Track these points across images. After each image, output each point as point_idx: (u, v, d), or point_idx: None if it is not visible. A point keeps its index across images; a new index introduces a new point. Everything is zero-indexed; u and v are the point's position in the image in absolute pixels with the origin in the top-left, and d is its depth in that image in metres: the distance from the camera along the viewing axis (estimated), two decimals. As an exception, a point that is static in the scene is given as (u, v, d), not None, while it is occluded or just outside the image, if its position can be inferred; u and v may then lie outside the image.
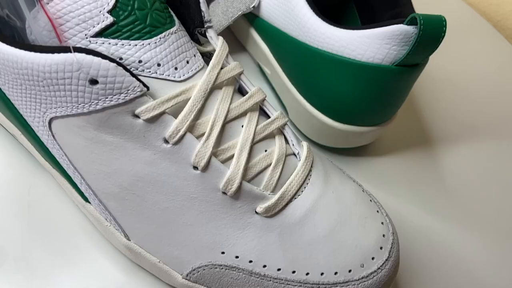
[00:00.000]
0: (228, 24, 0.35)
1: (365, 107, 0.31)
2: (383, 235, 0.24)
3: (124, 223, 0.24)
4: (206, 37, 0.25)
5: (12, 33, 0.22)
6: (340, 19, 0.40)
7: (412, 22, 0.26)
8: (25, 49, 0.20)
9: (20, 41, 0.22)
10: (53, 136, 0.23)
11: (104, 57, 0.19)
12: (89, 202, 0.25)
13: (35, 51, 0.19)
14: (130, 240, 0.24)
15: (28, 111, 0.22)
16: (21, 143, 0.27)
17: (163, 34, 0.22)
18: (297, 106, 0.34)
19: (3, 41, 0.20)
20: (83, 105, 0.20)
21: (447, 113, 0.41)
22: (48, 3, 0.20)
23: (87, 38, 0.21)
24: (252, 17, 0.37)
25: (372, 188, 0.35)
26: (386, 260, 0.24)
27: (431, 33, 0.26)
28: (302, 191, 0.24)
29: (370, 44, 0.28)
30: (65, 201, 0.27)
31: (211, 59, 0.26)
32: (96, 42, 0.21)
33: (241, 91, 0.26)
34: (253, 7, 0.35)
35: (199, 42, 0.26)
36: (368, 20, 0.37)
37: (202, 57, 0.25)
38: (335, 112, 0.32)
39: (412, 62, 0.28)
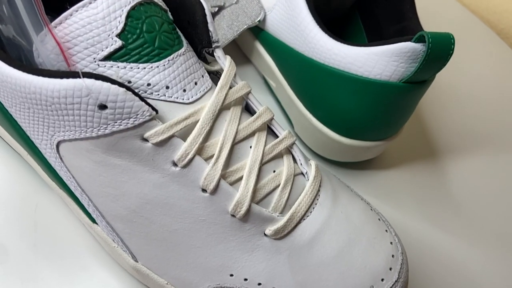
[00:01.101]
0: (233, 37, 0.35)
1: (372, 123, 0.31)
2: (392, 256, 0.24)
3: (131, 244, 0.24)
4: (213, 56, 0.25)
5: (18, 53, 0.22)
6: (345, 31, 0.40)
7: (420, 39, 0.26)
8: (33, 74, 0.20)
9: (26, 62, 0.22)
10: (61, 158, 0.22)
11: (113, 82, 0.19)
12: (96, 223, 0.24)
13: (44, 75, 0.19)
14: (137, 262, 0.24)
15: (35, 134, 0.22)
16: (27, 162, 0.27)
17: (172, 56, 0.22)
18: (302, 120, 0.34)
19: (11, 65, 0.20)
20: (92, 129, 0.20)
21: (453, 123, 0.41)
22: (56, 27, 0.20)
23: (95, 61, 0.20)
24: (257, 30, 0.36)
25: (378, 202, 0.35)
26: (395, 281, 0.23)
27: (439, 51, 0.26)
28: (311, 212, 0.24)
29: (377, 61, 0.28)
30: (72, 220, 0.27)
31: (218, 77, 0.26)
32: (105, 66, 0.20)
33: (248, 109, 0.26)
34: (259, 21, 0.35)
35: (206, 61, 0.26)
36: (373, 33, 0.37)
37: (209, 74, 0.25)
38: (341, 127, 0.32)
39: (420, 79, 0.28)
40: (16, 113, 0.22)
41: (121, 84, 0.19)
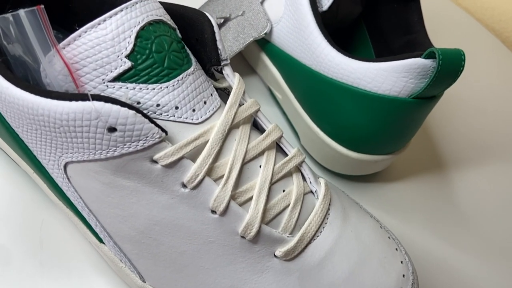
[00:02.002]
0: (239, 50, 0.35)
1: (380, 137, 0.30)
2: (403, 275, 0.24)
3: (139, 265, 0.23)
4: (221, 73, 0.25)
5: (25, 72, 0.22)
6: (351, 42, 0.39)
7: (430, 55, 0.26)
8: (41, 95, 0.19)
9: (33, 82, 0.21)
10: (68, 179, 0.22)
11: (122, 104, 0.19)
12: (104, 243, 0.24)
13: (52, 97, 0.19)
14: (145, 282, 0.24)
15: (42, 154, 0.22)
16: (33, 180, 0.27)
17: (181, 76, 0.21)
18: (309, 133, 0.34)
19: (18, 85, 0.20)
20: (101, 152, 0.20)
21: (459, 135, 0.41)
22: (64, 48, 0.20)
23: (104, 83, 0.20)
24: (263, 42, 0.36)
25: (384, 215, 0.34)
26: (407, 302, 0.23)
27: (450, 67, 0.26)
28: (320, 232, 0.23)
29: (387, 76, 0.27)
30: (78, 238, 0.27)
31: (226, 93, 0.26)
32: (114, 87, 0.20)
33: (256, 125, 0.26)
34: (265, 33, 0.34)
35: (214, 77, 0.26)
36: (380, 44, 0.37)
37: (217, 90, 0.25)
38: (349, 141, 0.31)
39: (429, 94, 0.28)
40: (23, 133, 0.22)
41: (130, 107, 0.19)
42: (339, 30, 0.38)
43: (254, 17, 0.35)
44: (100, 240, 0.24)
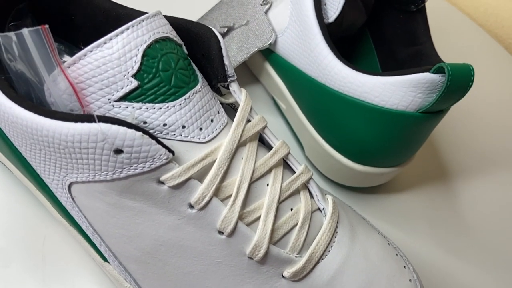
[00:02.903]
0: (243, 60, 0.35)
1: (387, 151, 0.30)
2: (412, 294, 0.24)
3: (145, 285, 0.23)
4: (228, 88, 0.24)
5: (27, 89, 0.21)
6: (355, 50, 0.39)
7: (439, 70, 0.26)
8: (46, 116, 0.19)
9: (36, 100, 0.21)
10: (73, 199, 0.22)
11: (129, 125, 0.18)
12: (108, 262, 0.24)
13: (57, 118, 0.19)
14: (151, 302, 0.23)
15: (46, 173, 0.22)
16: (36, 196, 0.26)
17: (188, 94, 0.21)
18: (314, 145, 0.34)
19: (22, 105, 0.19)
20: (106, 173, 0.19)
21: (464, 144, 0.40)
22: (69, 67, 0.19)
23: (110, 102, 0.20)
24: (267, 52, 0.36)
25: (389, 227, 0.34)
26: (415, 322, 0.23)
27: (459, 82, 0.25)
28: (329, 251, 0.23)
29: (394, 91, 0.27)
30: (81, 255, 0.26)
31: (232, 108, 0.25)
32: (120, 107, 0.20)
33: (262, 140, 0.25)
34: (270, 44, 0.34)
35: (220, 92, 0.25)
36: (385, 53, 0.37)
37: (223, 105, 0.24)
38: (355, 154, 0.31)
39: (437, 109, 0.27)
40: (26, 153, 0.21)
41: (137, 128, 0.19)
42: (343, 38, 0.38)
43: (258, 27, 0.34)
44: (105, 259, 0.24)
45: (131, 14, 0.25)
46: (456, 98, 0.26)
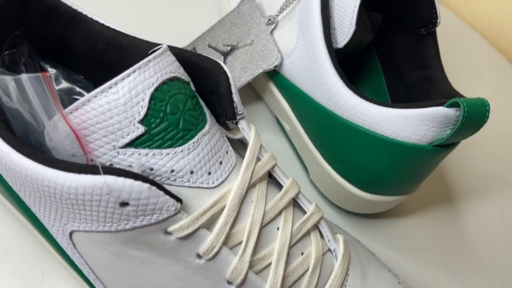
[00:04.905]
0: (247, 81, 0.33)
1: (395, 181, 0.29)
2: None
3: (149, 332, 0.22)
4: (236, 124, 0.23)
5: (25, 131, 0.20)
6: (361, 68, 0.38)
7: (453, 104, 0.25)
8: (47, 165, 0.18)
9: (35, 143, 0.20)
10: (74, 245, 0.21)
11: (136, 177, 0.17)
12: (111, 307, 0.23)
13: (59, 168, 0.17)
14: None
15: (46, 219, 0.20)
16: (34, 236, 0.25)
17: (196, 137, 0.20)
18: (320, 171, 0.33)
19: (20, 151, 0.18)
20: (111, 225, 0.18)
21: (470, 167, 0.40)
22: (71, 113, 0.18)
23: (115, 149, 0.19)
24: (272, 72, 0.35)
25: (395, 254, 0.33)
26: None
27: (475, 118, 0.25)
28: (340, 296, 0.22)
29: (407, 124, 0.26)
30: (80, 293, 0.25)
31: (241, 142, 0.24)
32: (125, 153, 0.19)
33: (270, 175, 0.24)
34: (276, 66, 0.33)
35: (227, 125, 0.24)
36: (391, 74, 0.36)
37: (229, 139, 0.23)
38: (362, 183, 0.30)
39: (450, 142, 0.27)
40: (25, 198, 0.20)
41: (144, 179, 0.17)
42: (348, 55, 0.37)
43: (263, 47, 0.33)
44: (107, 304, 0.23)
45: (134, 43, 0.24)
46: (470, 133, 0.26)
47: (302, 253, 0.22)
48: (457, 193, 0.38)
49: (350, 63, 0.37)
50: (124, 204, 0.18)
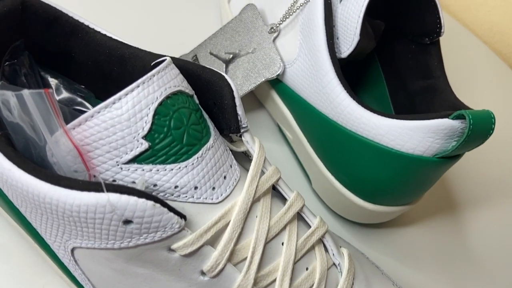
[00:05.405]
0: (250, 90, 0.33)
1: (399, 192, 0.29)
2: None
3: None
4: (240, 137, 0.23)
5: (27, 145, 0.20)
6: (363, 75, 0.38)
7: (458, 116, 0.25)
8: (49, 182, 0.17)
9: (37, 158, 0.19)
10: (75, 261, 0.20)
11: (140, 194, 0.17)
12: (112, 322, 0.22)
13: (61, 185, 0.17)
14: None
15: (47, 235, 0.20)
16: (35, 249, 0.25)
17: (201, 152, 0.20)
18: (322, 180, 0.32)
19: (21, 167, 0.18)
20: (114, 242, 0.18)
21: (473, 175, 0.40)
22: (74, 128, 0.18)
23: (118, 165, 0.18)
24: (274, 81, 0.34)
25: (398, 264, 0.33)
26: None
27: (480, 130, 0.24)
28: (345, 311, 0.22)
29: (412, 136, 0.26)
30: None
31: (245, 154, 0.24)
32: (128, 169, 0.18)
33: (274, 187, 0.24)
34: (278, 75, 0.32)
35: (231, 137, 0.24)
36: (394, 82, 0.35)
37: (232, 151, 0.23)
38: (365, 193, 0.30)
39: (455, 154, 0.26)
40: (26, 213, 0.20)
41: (148, 196, 0.17)
42: (351, 63, 0.37)
43: (266, 56, 0.33)
44: (109, 320, 0.22)
45: (136, 54, 0.23)
46: (476, 145, 0.25)
47: (307, 268, 0.22)
48: (461, 202, 0.38)
49: (352, 70, 0.37)
50: (127, 222, 0.17)
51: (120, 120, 0.18)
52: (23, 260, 0.26)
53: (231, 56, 0.34)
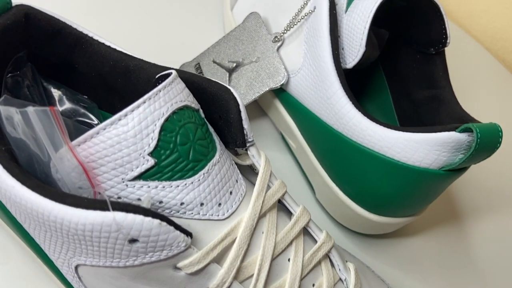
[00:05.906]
0: (253, 99, 0.33)
1: (405, 204, 0.29)
2: None
3: None
4: (246, 151, 0.23)
5: (29, 156, 0.19)
6: (366, 83, 0.38)
7: (465, 129, 0.24)
8: (54, 200, 0.17)
9: (40, 174, 0.19)
10: (79, 278, 0.20)
11: (146, 213, 0.17)
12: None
13: (66, 203, 0.17)
14: None
15: (51, 251, 0.20)
16: (37, 263, 0.24)
17: (207, 168, 0.19)
18: (326, 190, 0.32)
19: (25, 184, 0.17)
20: (119, 261, 0.18)
21: (478, 184, 0.39)
22: (79, 145, 0.18)
23: (123, 182, 0.18)
24: (278, 90, 0.34)
25: (403, 275, 0.33)
26: None
27: (487, 144, 0.24)
28: (352, 328, 0.22)
29: (418, 148, 0.26)
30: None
31: (251, 168, 0.24)
32: (134, 186, 0.18)
33: (279, 200, 0.24)
34: (282, 84, 0.32)
35: (236, 151, 0.24)
36: (398, 91, 0.35)
37: (237, 164, 0.23)
38: (370, 205, 0.30)
39: (462, 167, 0.26)
40: (30, 230, 0.20)
41: (155, 215, 0.17)
42: (355, 71, 0.36)
43: (270, 65, 0.33)
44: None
45: (141, 66, 0.23)
46: (483, 158, 0.25)
47: (313, 285, 0.22)
48: (466, 212, 0.37)
49: (356, 79, 0.37)
50: (133, 240, 0.17)
51: (126, 137, 0.18)
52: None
53: (234, 64, 0.34)
